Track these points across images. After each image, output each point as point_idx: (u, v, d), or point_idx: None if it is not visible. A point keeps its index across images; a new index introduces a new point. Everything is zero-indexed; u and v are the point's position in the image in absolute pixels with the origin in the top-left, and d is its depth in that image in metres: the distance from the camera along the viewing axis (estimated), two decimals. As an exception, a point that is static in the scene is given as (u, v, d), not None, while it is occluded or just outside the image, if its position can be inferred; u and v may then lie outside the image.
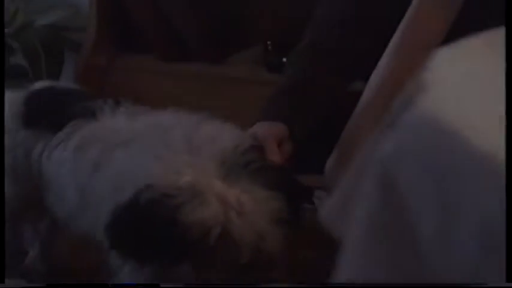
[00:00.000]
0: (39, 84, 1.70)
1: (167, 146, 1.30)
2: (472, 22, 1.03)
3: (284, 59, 2.25)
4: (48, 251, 1.83)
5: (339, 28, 1.59)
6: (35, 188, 1.56)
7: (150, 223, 1.22)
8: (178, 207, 1.20)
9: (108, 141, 1.40)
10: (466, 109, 0.66)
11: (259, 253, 1.24)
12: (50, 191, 1.53)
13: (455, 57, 0.72)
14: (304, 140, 1.49)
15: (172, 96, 2.25)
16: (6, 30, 2.39)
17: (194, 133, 1.32)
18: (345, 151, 1.49)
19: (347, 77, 1.60)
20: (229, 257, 1.24)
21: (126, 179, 1.29)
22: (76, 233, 1.51)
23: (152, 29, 2.36)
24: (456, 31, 1.34)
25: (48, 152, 1.51)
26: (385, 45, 1.43)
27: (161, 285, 1.30)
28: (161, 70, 2.34)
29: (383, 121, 0.77)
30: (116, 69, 2.34)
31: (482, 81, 0.68)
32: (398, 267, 0.73)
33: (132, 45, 2.41)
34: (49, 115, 1.55)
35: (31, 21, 2.47)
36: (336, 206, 0.84)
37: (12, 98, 1.62)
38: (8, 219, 1.62)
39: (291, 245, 1.93)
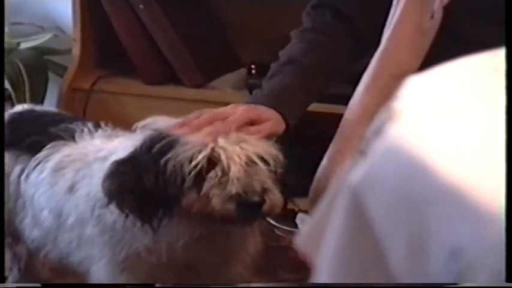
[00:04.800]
0: (19, 108, 1.70)
1: None
2: (448, 49, 1.03)
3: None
4: (27, 275, 1.80)
5: None
6: (11, 211, 1.55)
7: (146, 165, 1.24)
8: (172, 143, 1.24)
9: (84, 160, 1.39)
10: (435, 138, 0.66)
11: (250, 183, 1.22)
12: (26, 213, 1.51)
13: (426, 85, 0.72)
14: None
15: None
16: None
17: None
18: (324, 177, 1.49)
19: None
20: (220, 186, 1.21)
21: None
22: (52, 255, 1.49)
23: (137, 52, 2.36)
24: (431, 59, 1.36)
25: (27, 173, 1.51)
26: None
27: (156, 285, 1.30)
28: (146, 93, 2.33)
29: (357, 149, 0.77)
30: (101, 93, 2.33)
31: (453, 109, 0.69)
32: None
33: (117, 68, 2.40)
34: (29, 137, 1.53)
35: (15, 45, 2.47)
36: (310, 233, 0.84)
37: None
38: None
39: (272, 269, 1.93)
